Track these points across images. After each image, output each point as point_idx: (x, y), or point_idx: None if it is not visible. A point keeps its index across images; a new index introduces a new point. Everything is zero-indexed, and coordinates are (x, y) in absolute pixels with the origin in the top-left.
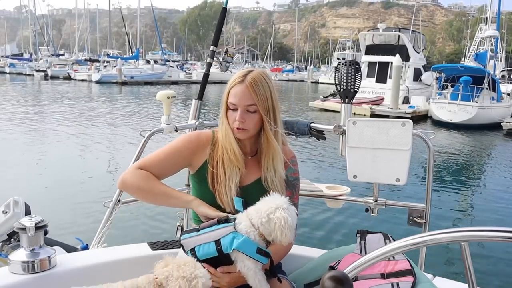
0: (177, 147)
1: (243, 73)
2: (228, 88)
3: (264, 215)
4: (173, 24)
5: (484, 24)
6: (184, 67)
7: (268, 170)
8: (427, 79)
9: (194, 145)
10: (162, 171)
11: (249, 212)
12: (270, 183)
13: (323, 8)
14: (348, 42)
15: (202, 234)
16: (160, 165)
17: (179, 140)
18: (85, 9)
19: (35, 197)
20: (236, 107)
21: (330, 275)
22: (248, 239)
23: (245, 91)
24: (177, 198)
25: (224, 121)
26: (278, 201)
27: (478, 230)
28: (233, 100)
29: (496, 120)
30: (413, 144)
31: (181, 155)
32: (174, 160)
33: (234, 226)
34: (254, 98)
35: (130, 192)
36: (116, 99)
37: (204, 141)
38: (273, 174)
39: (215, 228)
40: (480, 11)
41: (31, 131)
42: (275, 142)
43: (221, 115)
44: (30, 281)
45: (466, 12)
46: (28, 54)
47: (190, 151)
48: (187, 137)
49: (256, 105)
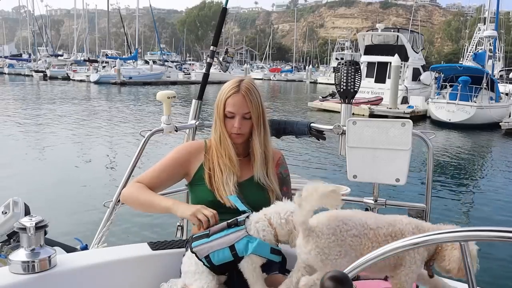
0: (171, 157)
1: (235, 82)
2: (224, 98)
3: (283, 217)
4: (171, 25)
5: (482, 24)
6: (182, 67)
7: (259, 171)
8: (426, 79)
9: (188, 152)
10: (159, 182)
11: (268, 212)
12: (264, 181)
13: (322, 8)
14: (347, 42)
15: (214, 240)
16: (156, 177)
17: (173, 151)
18: (84, 10)
19: (35, 197)
20: (234, 115)
21: (330, 275)
22: (262, 241)
23: (242, 100)
24: (158, 204)
25: (222, 128)
26: (292, 206)
27: (478, 230)
28: (232, 109)
29: (495, 120)
30: (413, 144)
31: (177, 164)
32: (170, 170)
33: (245, 229)
34: (249, 106)
35: (127, 203)
36: (115, 99)
37: (197, 148)
38: (265, 174)
39: (226, 233)
40: (478, 11)
41: (30, 132)
42: (263, 145)
43: (216, 123)
44: (30, 281)
45: (464, 12)
46: (27, 55)
47: (184, 159)
48: (180, 147)
49: (251, 112)
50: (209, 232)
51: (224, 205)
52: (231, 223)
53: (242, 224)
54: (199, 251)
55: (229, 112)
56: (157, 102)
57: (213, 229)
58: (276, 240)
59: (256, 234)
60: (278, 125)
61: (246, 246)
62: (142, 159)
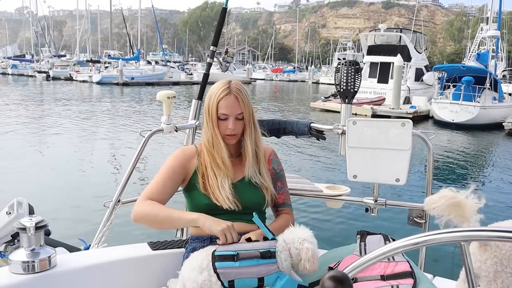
0: (169, 166)
1: (224, 84)
2: (216, 100)
3: (298, 246)
4: (174, 25)
5: (484, 24)
6: (185, 67)
7: (251, 170)
8: (429, 79)
9: (182, 159)
10: (165, 194)
11: (287, 239)
12: (256, 180)
13: (324, 9)
14: (349, 42)
15: (244, 268)
16: (161, 190)
17: (169, 160)
18: (86, 10)
19: (39, 198)
20: (227, 117)
21: (330, 275)
22: (290, 278)
23: (234, 101)
24: (180, 218)
25: (215, 131)
26: (304, 233)
27: (478, 230)
28: (225, 111)
29: (498, 120)
30: (413, 144)
31: (176, 172)
32: (171, 179)
33: (277, 264)
34: (242, 107)
35: (143, 222)
36: (117, 100)
37: (189, 154)
38: (257, 173)
39: (258, 263)
40: (480, 11)
41: (33, 132)
42: (254, 144)
43: (209, 125)
44: (30, 281)
45: (467, 12)
46: (30, 56)
47: (181, 165)
48: (175, 154)
49: (243, 112)
50: (237, 255)
51: (221, 208)
52: (264, 254)
53: (274, 256)
54: (224, 274)
55: (223, 114)
56: (159, 102)
57: (243, 254)
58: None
59: (280, 265)
60: (278, 125)
61: (275, 281)
62: (142, 159)
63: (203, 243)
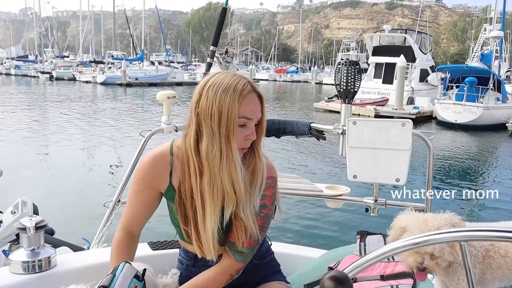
0: (136, 190)
1: (242, 79)
2: (237, 100)
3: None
4: (177, 26)
5: (488, 25)
6: (188, 68)
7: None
8: (433, 80)
9: (151, 169)
10: (139, 219)
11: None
12: (246, 213)
13: (327, 9)
14: (352, 43)
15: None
16: (134, 216)
17: (135, 174)
18: (90, 11)
19: (43, 197)
20: (248, 122)
21: (330, 275)
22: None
23: (258, 102)
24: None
25: (231, 143)
26: None
27: (478, 230)
28: (250, 115)
29: (501, 120)
30: (413, 144)
31: (146, 187)
32: (141, 201)
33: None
34: (263, 110)
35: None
36: (121, 100)
37: (159, 161)
38: (254, 203)
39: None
40: (484, 12)
41: (36, 132)
42: (262, 157)
43: (222, 134)
44: (30, 281)
45: (471, 12)
46: (33, 56)
47: (151, 179)
48: (140, 166)
49: (262, 115)
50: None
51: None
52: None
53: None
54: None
55: (246, 118)
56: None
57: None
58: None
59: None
60: (278, 125)
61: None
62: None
63: (188, 260)
